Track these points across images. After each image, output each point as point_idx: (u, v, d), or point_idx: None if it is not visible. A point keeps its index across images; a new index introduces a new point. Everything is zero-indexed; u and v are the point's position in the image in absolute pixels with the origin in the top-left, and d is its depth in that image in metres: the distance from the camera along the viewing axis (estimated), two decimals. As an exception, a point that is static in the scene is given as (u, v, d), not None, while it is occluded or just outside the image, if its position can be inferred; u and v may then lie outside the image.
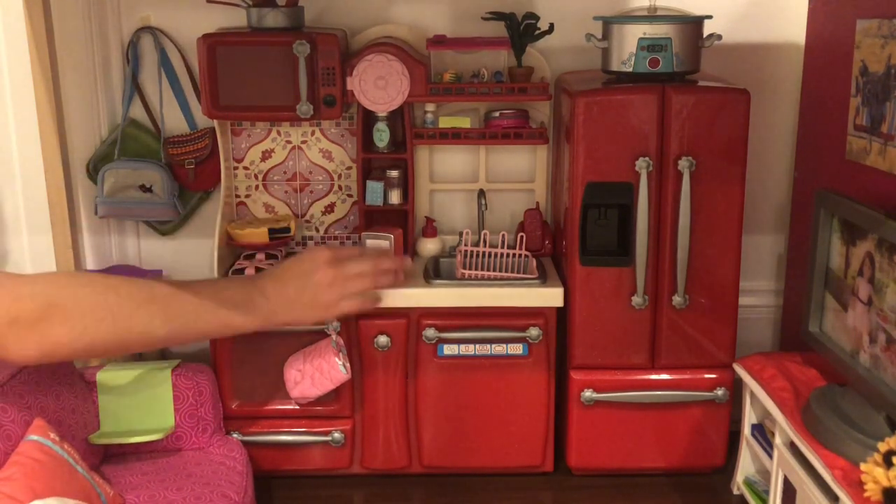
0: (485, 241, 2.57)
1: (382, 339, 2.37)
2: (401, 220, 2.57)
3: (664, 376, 2.39)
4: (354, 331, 2.39)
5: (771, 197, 2.71)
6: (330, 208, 2.70)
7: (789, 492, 2.03)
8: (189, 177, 2.63)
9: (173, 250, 2.75)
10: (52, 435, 1.88)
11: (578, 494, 2.44)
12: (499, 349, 2.38)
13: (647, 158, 2.25)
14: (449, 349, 2.39)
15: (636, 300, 2.33)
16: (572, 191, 2.30)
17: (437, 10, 2.61)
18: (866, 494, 1.64)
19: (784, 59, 2.61)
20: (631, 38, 2.27)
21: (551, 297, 2.37)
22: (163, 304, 1.64)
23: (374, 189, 2.53)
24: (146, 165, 2.59)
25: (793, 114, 2.62)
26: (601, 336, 2.37)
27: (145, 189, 2.59)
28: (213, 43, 2.35)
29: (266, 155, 2.66)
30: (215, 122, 2.51)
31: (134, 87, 2.63)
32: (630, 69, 2.28)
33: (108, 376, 2.23)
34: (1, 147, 2.55)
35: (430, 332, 2.37)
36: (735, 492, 2.41)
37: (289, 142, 2.66)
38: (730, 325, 2.37)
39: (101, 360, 2.33)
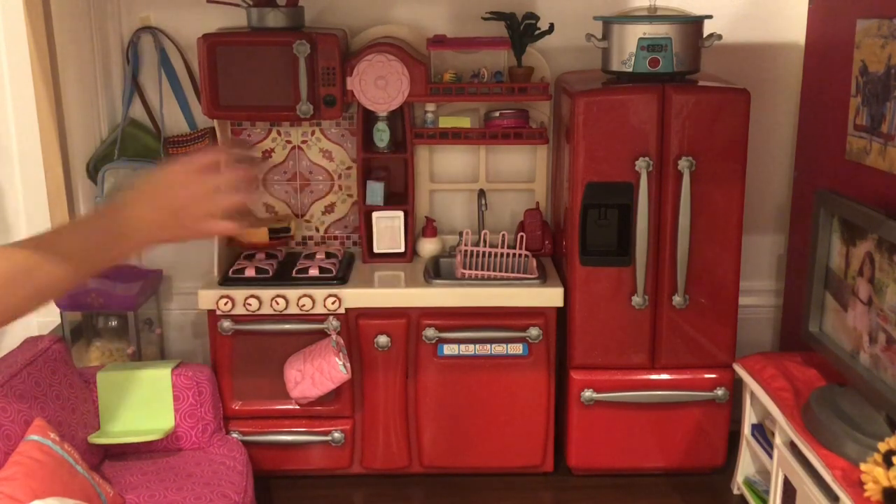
0: (485, 241, 2.57)
1: (382, 339, 2.37)
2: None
3: (664, 376, 2.39)
4: (354, 331, 2.39)
5: (771, 197, 2.71)
6: (330, 208, 2.70)
7: (789, 492, 2.03)
8: (189, 177, 2.62)
9: (173, 250, 2.74)
10: (52, 435, 1.88)
11: (578, 494, 2.44)
12: (499, 349, 2.38)
13: (647, 158, 2.25)
14: (449, 349, 2.39)
15: (636, 300, 2.33)
16: (572, 191, 2.30)
17: (437, 10, 2.61)
18: (866, 494, 1.64)
19: (784, 59, 2.61)
20: (631, 38, 2.27)
21: (551, 297, 2.37)
22: (38, 273, 1.56)
23: (374, 189, 2.53)
24: (146, 165, 2.59)
25: (793, 114, 2.62)
26: (601, 336, 2.37)
27: (145, 189, 2.59)
28: (213, 43, 2.35)
29: (266, 155, 2.66)
30: (215, 122, 2.51)
31: (134, 87, 2.63)
32: (630, 69, 2.28)
33: (108, 376, 2.23)
34: (1, 147, 2.55)
35: (430, 332, 2.37)
36: (735, 492, 2.41)
37: (289, 142, 2.66)
38: (730, 325, 2.37)
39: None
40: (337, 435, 2.43)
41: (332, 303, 2.35)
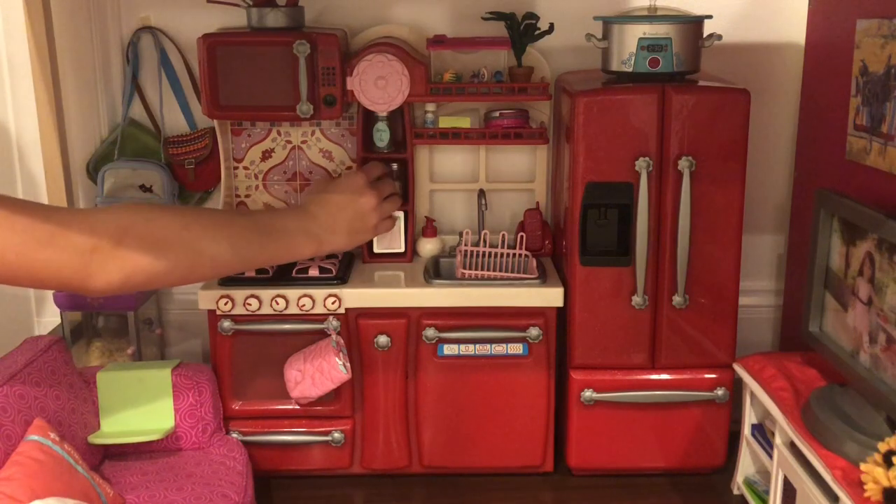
0: (485, 241, 2.57)
1: (382, 339, 2.37)
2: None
3: (664, 376, 2.39)
4: (354, 331, 2.39)
5: (771, 197, 2.71)
6: (330, 208, 2.70)
7: (789, 492, 2.03)
8: (189, 177, 2.63)
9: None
10: (52, 435, 1.88)
11: (578, 494, 2.44)
12: (499, 349, 2.38)
13: (647, 158, 2.25)
14: (449, 349, 2.39)
15: (636, 300, 2.33)
16: (572, 191, 2.30)
17: (437, 10, 2.61)
18: (866, 494, 1.64)
19: (784, 59, 2.61)
20: (631, 38, 2.27)
21: (551, 297, 2.37)
22: (228, 230, 1.74)
23: (374, 189, 2.53)
24: (146, 165, 2.59)
25: (793, 114, 2.62)
26: (601, 336, 2.37)
27: (145, 189, 2.60)
28: (213, 43, 2.35)
29: (266, 155, 2.67)
30: (215, 122, 2.51)
31: (134, 87, 2.63)
32: (630, 69, 2.28)
33: (108, 376, 2.23)
34: (1, 148, 2.55)
35: (430, 332, 2.37)
36: (735, 492, 2.41)
37: (289, 142, 2.66)
38: (730, 325, 2.37)
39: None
40: (337, 435, 2.43)
41: (332, 303, 2.35)
